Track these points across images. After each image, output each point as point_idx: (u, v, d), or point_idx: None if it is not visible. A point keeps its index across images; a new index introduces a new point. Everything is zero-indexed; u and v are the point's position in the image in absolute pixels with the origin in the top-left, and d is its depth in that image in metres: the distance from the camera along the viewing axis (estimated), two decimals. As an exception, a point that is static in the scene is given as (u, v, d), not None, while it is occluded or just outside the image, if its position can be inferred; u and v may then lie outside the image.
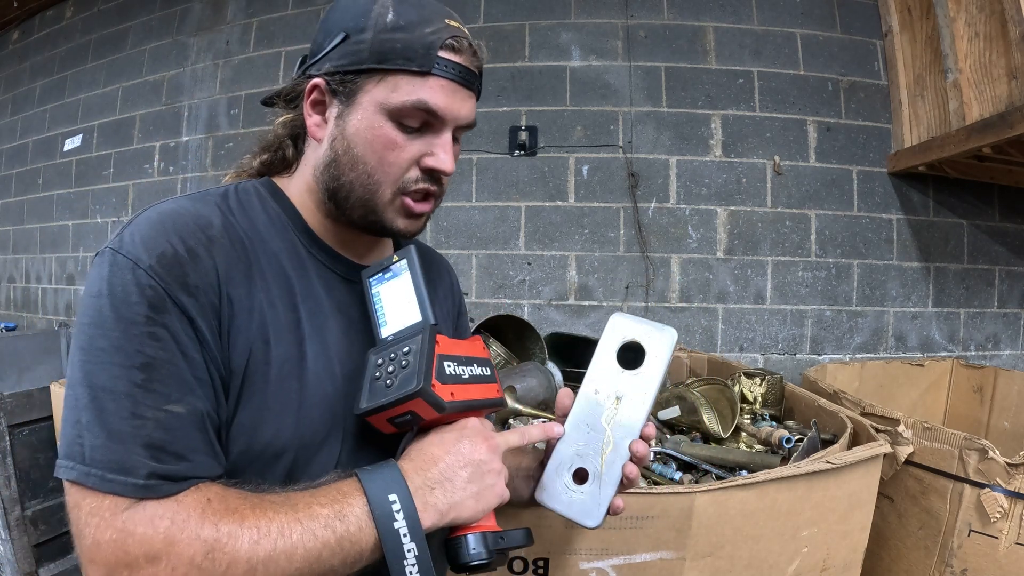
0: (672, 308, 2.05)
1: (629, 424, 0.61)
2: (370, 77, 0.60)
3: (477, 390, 0.60)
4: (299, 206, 0.66)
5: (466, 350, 0.62)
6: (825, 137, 2.05)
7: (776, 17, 2.07)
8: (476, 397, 0.59)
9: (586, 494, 0.61)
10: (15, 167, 3.04)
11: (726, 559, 0.91)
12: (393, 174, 0.61)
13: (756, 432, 1.27)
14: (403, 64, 0.59)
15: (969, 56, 1.63)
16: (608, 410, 0.62)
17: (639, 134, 2.06)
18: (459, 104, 0.62)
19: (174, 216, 0.55)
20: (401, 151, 0.61)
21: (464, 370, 0.59)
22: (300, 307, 0.60)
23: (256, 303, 0.56)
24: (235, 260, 0.56)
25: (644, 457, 0.62)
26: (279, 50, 2.33)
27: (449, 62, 0.60)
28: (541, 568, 0.90)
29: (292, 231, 0.64)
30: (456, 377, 0.57)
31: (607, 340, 0.64)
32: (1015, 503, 1.01)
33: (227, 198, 0.63)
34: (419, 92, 0.59)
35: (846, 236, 2.04)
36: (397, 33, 0.59)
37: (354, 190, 0.62)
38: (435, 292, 0.78)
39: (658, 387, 0.61)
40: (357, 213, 0.63)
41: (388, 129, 0.60)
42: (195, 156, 2.45)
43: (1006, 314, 2.11)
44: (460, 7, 2.13)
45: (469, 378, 0.59)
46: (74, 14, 2.90)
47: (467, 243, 2.11)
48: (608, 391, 0.63)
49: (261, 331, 0.55)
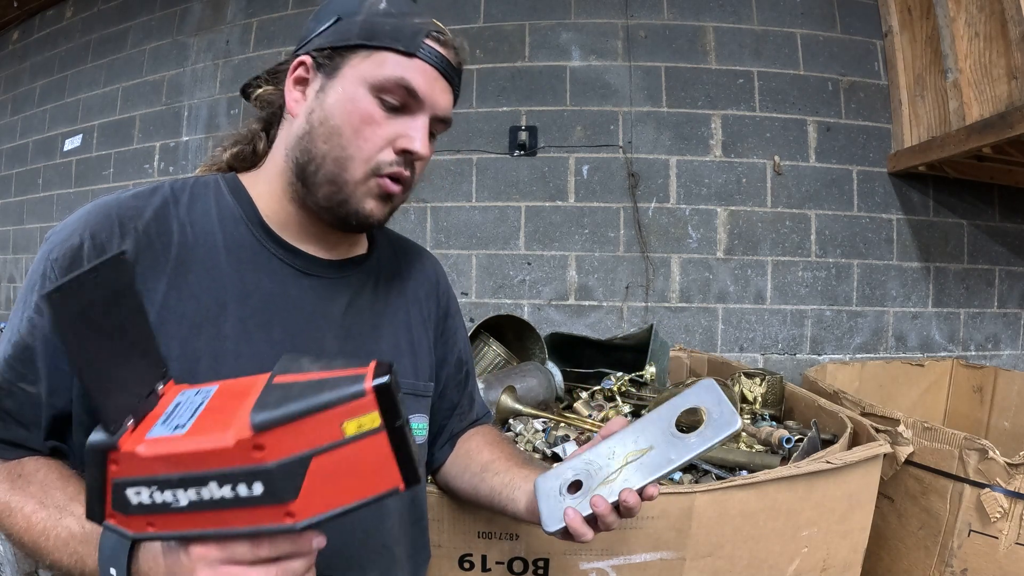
0: (672, 308, 2.05)
1: (641, 472, 0.60)
2: (357, 53, 0.61)
3: (207, 519, 0.38)
4: (264, 197, 0.66)
5: (189, 458, 0.36)
6: (825, 137, 2.04)
7: (776, 17, 2.07)
8: (199, 528, 0.38)
9: (565, 504, 0.61)
10: (15, 167, 3.03)
11: (726, 559, 0.91)
12: (367, 150, 0.61)
13: (756, 432, 1.27)
14: (390, 42, 0.61)
15: (969, 56, 1.63)
16: (636, 450, 0.62)
17: (639, 134, 2.06)
18: (439, 93, 0.63)
19: (102, 209, 0.58)
20: (378, 127, 0.61)
21: (182, 495, 0.37)
22: (229, 303, 0.60)
23: (161, 295, 0.57)
24: (148, 253, 0.58)
25: (632, 507, 0.58)
26: (279, 50, 2.33)
27: (434, 50, 0.62)
28: (541, 568, 0.90)
29: (246, 225, 0.64)
30: (159, 506, 0.37)
31: (686, 395, 0.63)
32: (1015, 503, 1.01)
33: (183, 190, 0.64)
34: (403, 70, 0.60)
35: (846, 236, 2.04)
36: (388, 18, 0.62)
37: (325, 163, 0.61)
38: (403, 297, 0.76)
39: (687, 460, 0.59)
40: (323, 191, 0.62)
41: (368, 103, 0.61)
42: (195, 156, 2.45)
43: (1006, 314, 2.11)
44: (460, 7, 2.14)
45: (191, 505, 0.37)
46: (74, 14, 2.90)
47: (467, 243, 2.11)
48: (650, 436, 0.62)
49: (161, 325, 0.56)
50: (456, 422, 0.84)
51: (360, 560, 0.66)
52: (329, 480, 0.37)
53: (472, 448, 0.81)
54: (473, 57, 2.11)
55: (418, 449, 0.41)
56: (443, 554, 0.90)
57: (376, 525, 0.67)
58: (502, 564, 0.91)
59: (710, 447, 0.58)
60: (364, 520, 0.66)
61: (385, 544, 0.68)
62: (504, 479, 0.72)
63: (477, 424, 0.87)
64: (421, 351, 0.76)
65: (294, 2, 2.33)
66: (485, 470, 0.75)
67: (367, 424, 0.38)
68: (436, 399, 0.80)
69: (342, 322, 0.67)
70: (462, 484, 0.79)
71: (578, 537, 0.59)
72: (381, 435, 0.38)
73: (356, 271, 0.71)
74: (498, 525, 0.89)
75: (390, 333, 0.72)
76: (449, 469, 0.83)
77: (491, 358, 1.58)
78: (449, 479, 0.83)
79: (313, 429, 0.37)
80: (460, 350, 0.84)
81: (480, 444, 0.81)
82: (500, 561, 0.90)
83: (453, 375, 0.83)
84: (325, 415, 0.37)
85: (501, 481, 0.72)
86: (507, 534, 0.89)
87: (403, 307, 0.75)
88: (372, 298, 0.72)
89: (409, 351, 0.74)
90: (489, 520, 0.89)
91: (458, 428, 0.84)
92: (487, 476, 0.74)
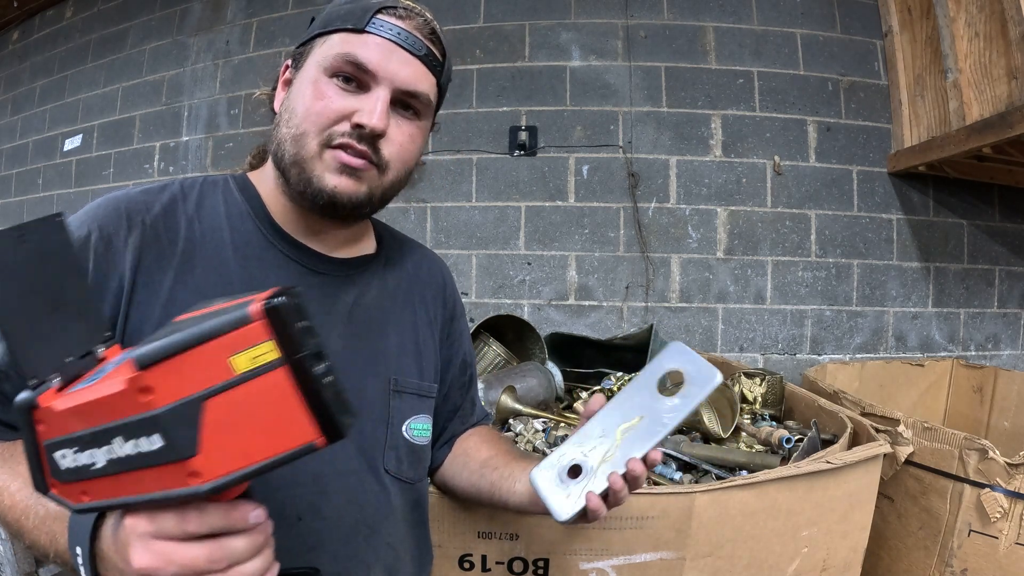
0: (672, 308, 2.05)
1: (639, 442, 0.60)
2: (315, 42, 0.64)
3: (127, 483, 0.35)
4: (268, 194, 0.67)
5: (99, 407, 0.34)
6: (825, 137, 2.04)
7: (776, 17, 2.07)
8: (124, 495, 0.35)
9: (571, 490, 0.61)
10: (15, 167, 3.03)
11: (726, 559, 0.91)
12: (319, 123, 0.61)
13: (756, 432, 1.27)
14: (340, 24, 0.62)
15: (969, 56, 1.63)
16: (627, 423, 0.62)
17: (639, 134, 2.06)
18: (397, 64, 0.62)
19: (111, 203, 0.60)
20: (330, 101, 0.61)
21: (98, 454, 0.34)
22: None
23: (167, 289, 0.58)
24: (155, 247, 0.59)
25: (639, 476, 0.59)
26: (279, 50, 2.33)
27: (387, 23, 0.62)
28: (541, 568, 0.90)
29: (254, 222, 0.65)
30: (83, 470, 0.35)
31: (658, 361, 0.64)
32: (1015, 503, 1.01)
33: (193, 188, 0.65)
34: (350, 46, 0.61)
35: (846, 236, 2.04)
36: (345, 5, 0.64)
37: (286, 145, 0.62)
38: (410, 298, 0.76)
39: (680, 421, 0.60)
40: (292, 175, 0.62)
41: (322, 84, 0.62)
42: (195, 156, 2.45)
43: (1006, 314, 2.11)
44: (460, 7, 2.14)
45: (108, 465, 0.35)
46: (74, 14, 2.89)
47: (467, 243, 2.11)
48: (636, 406, 0.62)
49: (165, 315, 0.56)
50: (458, 424, 0.84)
51: (365, 557, 0.66)
52: (231, 433, 0.33)
53: (470, 447, 0.81)
54: (473, 57, 2.11)
55: (343, 394, 0.35)
56: (443, 554, 0.90)
57: (381, 524, 0.67)
58: (502, 564, 0.90)
59: (699, 403, 0.60)
60: (369, 518, 0.66)
61: (390, 543, 0.68)
62: (503, 472, 0.72)
63: (476, 427, 0.87)
64: (426, 352, 0.76)
65: (294, 2, 2.33)
66: (484, 466, 0.76)
67: (261, 358, 0.32)
68: (440, 401, 0.80)
69: (348, 320, 0.67)
70: (461, 482, 0.80)
71: (596, 516, 0.59)
72: (280, 371, 0.33)
73: (363, 270, 0.71)
74: (498, 525, 0.89)
75: (396, 333, 0.72)
76: (447, 468, 0.83)
77: (491, 358, 1.58)
78: (448, 478, 0.83)
79: (199, 366, 0.32)
80: (465, 353, 0.85)
81: (478, 442, 0.81)
82: (500, 561, 0.90)
83: (457, 377, 0.83)
84: (209, 347, 0.32)
85: (500, 475, 0.72)
86: (507, 534, 0.89)
87: (410, 308, 0.76)
88: (378, 297, 0.72)
89: (414, 351, 0.74)
90: (489, 520, 0.89)
91: (459, 430, 0.84)
92: (486, 472, 0.74)
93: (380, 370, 0.69)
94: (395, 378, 0.70)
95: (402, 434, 0.70)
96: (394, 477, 0.69)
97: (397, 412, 0.70)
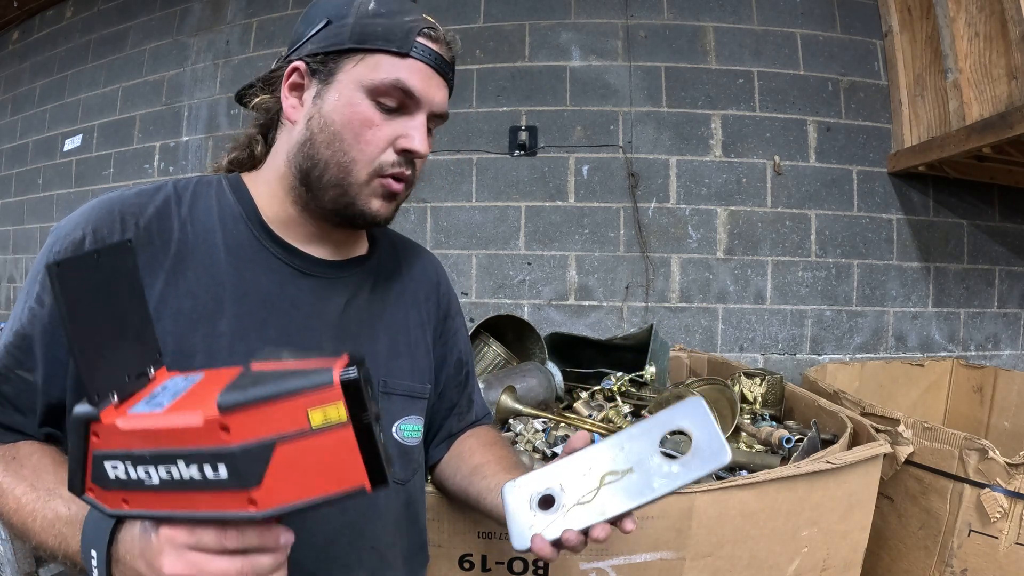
0: (672, 308, 2.05)
1: (620, 498, 0.56)
2: (350, 57, 0.62)
3: (178, 499, 0.38)
4: (265, 198, 0.66)
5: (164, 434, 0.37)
6: (825, 137, 2.04)
7: (776, 17, 2.07)
8: (170, 509, 0.39)
9: (535, 521, 0.58)
10: (15, 167, 3.03)
11: (726, 559, 0.91)
12: (369, 153, 0.62)
13: (756, 432, 1.27)
14: (383, 44, 0.61)
15: (969, 56, 1.63)
16: (615, 472, 0.57)
17: (639, 134, 2.06)
18: (434, 90, 0.64)
19: (105, 205, 0.60)
20: (378, 130, 0.62)
21: (154, 471, 0.38)
22: (226, 301, 0.60)
23: (158, 291, 0.58)
24: (147, 249, 0.59)
25: (601, 541, 0.56)
26: (279, 50, 2.31)
27: (427, 48, 0.62)
28: (541, 568, 0.90)
29: (246, 224, 0.65)
30: (133, 483, 0.38)
31: (671, 414, 0.58)
32: (1015, 503, 1.01)
33: (186, 189, 0.65)
34: (398, 72, 0.61)
35: (846, 236, 2.04)
36: (378, 19, 0.61)
37: (328, 169, 0.62)
38: (402, 298, 0.76)
39: (669, 492, 0.55)
40: (329, 195, 0.63)
41: (366, 107, 0.61)
42: (195, 156, 2.45)
43: (1006, 314, 2.11)
44: (460, 7, 2.14)
45: (162, 483, 0.38)
46: (74, 14, 2.89)
47: (467, 243, 2.11)
48: (631, 454, 0.57)
49: (158, 320, 0.56)
50: (455, 422, 0.84)
51: (347, 560, 0.65)
52: (293, 471, 0.38)
53: (465, 450, 0.81)
54: (473, 57, 2.11)
55: (388, 450, 0.40)
56: (443, 554, 0.89)
57: (366, 526, 0.67)
58: (502, 564, 0.90)
59: (695, 480, 0.55)
60: (354, 521, 0.66)
61: (375, 546, 0.68)
62: (491, 483, 0.71)
63: (476, 425, 0.87)
64: (418, 352, 0.76)
65: (294, 2, 2.33)
66: (474, 473, 0.75)
67: (333, 416, 0.37)
68: (435, 399, 0.80)
69: (339, 322, 0.67)
70: (453, 486, 0.80)
71: (546, 559, 0.57)
72: (347, 429, 0.38)
73: (355, 272, 0.71)
74: (498, 525, 0.89)
75: (387, 334, 0.72)
76: (443, 469, 0.83)
77: (491, 358, 1.58)
78: (443, 479, 0.83)
79: (278, 415, 0.37)
80: (460, 351, 0.84)
81: (474, 446, 0.81)
82: (500, 561, 0.90)
83: (453, 376, 0.83)
84: (291, 401, 0.37)
85: (487, 485, 0.71)
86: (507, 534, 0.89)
87: (402, 308, 0.75)
88: (370, 299, 0.72)
89: (406, 352, 0.74)
90: (489, 520, 0.89)
91: (456, 428, 0.84)
92: (475, 479, 0.74)
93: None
94: (384, 380, 0.70)
95: (392, 435, 0.70)
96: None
97: (386, 414, 0.70)
